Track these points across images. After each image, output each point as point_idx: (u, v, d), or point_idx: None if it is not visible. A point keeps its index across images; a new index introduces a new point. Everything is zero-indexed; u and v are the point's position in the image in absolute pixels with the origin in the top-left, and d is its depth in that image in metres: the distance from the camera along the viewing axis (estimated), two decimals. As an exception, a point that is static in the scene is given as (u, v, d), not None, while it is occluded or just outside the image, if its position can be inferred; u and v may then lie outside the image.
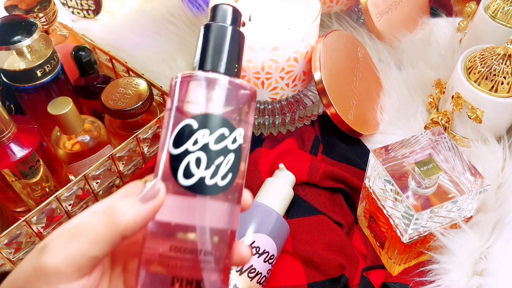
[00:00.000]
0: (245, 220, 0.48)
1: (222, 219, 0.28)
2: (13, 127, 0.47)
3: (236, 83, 0.29)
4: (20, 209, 0.55)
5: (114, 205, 0.27)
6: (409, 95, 0.65)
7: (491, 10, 0.61)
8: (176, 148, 0.28)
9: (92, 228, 0.26)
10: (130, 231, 0.26)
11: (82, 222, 0.26)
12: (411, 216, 0.42)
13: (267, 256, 0.47)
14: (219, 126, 0.28)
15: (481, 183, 0.43)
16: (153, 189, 0.27)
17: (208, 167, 0.28)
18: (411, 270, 0.48)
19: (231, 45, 0.30)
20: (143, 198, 0.27)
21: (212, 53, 0.30)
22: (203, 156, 0.27)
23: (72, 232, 0.26)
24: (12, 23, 0.52)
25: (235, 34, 0.30)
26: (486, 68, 0.53)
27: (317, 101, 0.61)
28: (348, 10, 0.75)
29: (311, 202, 0.55)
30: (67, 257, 0.25)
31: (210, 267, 0.28)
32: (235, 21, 0.31)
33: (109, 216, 0.26)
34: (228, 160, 0.28)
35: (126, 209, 0.26)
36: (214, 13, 0.31)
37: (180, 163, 0.27)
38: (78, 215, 0.27)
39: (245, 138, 0.29)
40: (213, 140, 0.28)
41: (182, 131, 0.28)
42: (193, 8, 0.77)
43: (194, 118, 0.28)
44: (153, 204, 0.27)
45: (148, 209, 0.27)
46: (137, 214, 0.26)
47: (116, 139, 0.60)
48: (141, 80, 0.58)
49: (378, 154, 0.46)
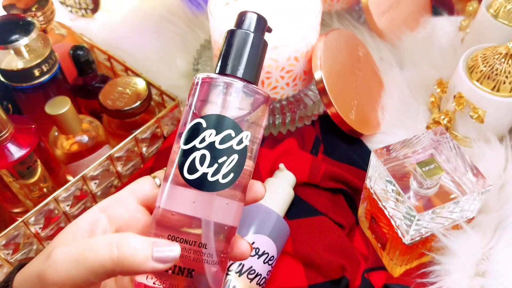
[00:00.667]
0: (245, 221, 0.48)
1: (221, 214, 0.30)
2: (11, 127, 0.47)
3: (251, 88, 0.31)
4: (18, 209, 0.55)
5: (128, 243, 0.27)
6: (411, 95, 0.64)
7: (493, 9, 0.60)
8: (186, 144, 0.30)
9: (98, 260, 0.27)
10: (130, 275, 0.28)
11: (91, 249, 0.27)
12: (412, 217, 0.42)
13: (267, 257, 0.47)
14: (226, 128, 0.30)
15: (483, 183, 0.43)
16: (170, 253, 0.28)
17: (211, 165, 0.29)
18: (413, 272, 0.48)
19: (251, 52, 0.32)
20: (158, 259, 0.27)
21: (232, 58, 0.32)
22: (208, 154, 0.29)
23: (78, 255, 0.27)
24: (10, 22, 0.51)
25: (257, 41, 0.32)
26: (488, 68, 0.53)
27: (317, 100, 0.60)
28: (349, 9, 0.74)
29: (312, 203, 0.55)
30: (67, 277, 0.27)
31: (207, 260, 0.30)
32: (259, 28, 0.32)
33: (119, 256, 0.27)
34: (231, 160, 0.30)
35: (137, 258, 0.27)
36: (240, 19, 0.33)
37: (187, 158, 0.30)
38: (94, 239, 0.28)
39: (254, 140, 0.31)
40: (219, 140, 0.30)
41: (193, 128, 0.30)
42: (192, 7, 0.76)
43: (204, 117, 0.30)
44: (162, 266, 0.27)
45: (156, 268, 0.27)
46: (144, 267, 0.27)
47: (115, 139, 0.59)
48: (139, 80, 0.58)
49: (380, 154, 0.46)
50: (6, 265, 0.48)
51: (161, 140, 0.60)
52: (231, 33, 0.32)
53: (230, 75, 0.31)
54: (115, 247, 0.27)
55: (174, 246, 0.28)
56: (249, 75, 0.31)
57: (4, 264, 0.48)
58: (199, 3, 0.76)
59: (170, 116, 0.59)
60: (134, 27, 0.75)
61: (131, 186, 0.33)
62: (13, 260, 0.49)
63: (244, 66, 0.31)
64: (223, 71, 0.31)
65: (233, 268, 0.45)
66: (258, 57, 0.32)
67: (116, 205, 0.32)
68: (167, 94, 0.60)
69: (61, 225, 0.52)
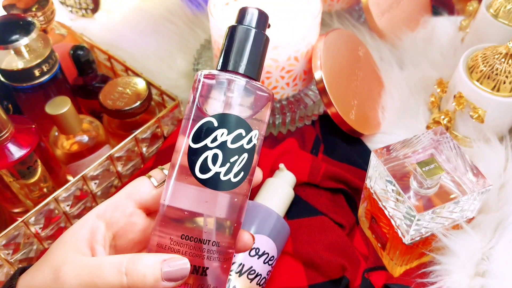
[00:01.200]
0: (245, 221, 0.48)
1: (231, 211, 0.30)
2: (11, 127, 0.47)
3: (255, 85, 0.31)
4: (18, 209, 0.55)
5: (136, 269, 0.27)
6: (411, 95, 0.64)
7: (493, 9, 0.60)
8: (196, 143, 0.30)
9: (107, 283, 0.27)
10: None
11: (101, 275, 0.27)
12: (412, 217, 0.42)
13: (267, 257, 0.47)
14: (237, 127, 0.30)
15: (483, 183, 0.43)
16: (179, 271, 0.28)
17: (224, 164, 0.29)
18: (413, 271, 0.48)
19: (253, 48, 0.31)
20: (168, 278, 0.27)
21: (234, 55, 0.31)
22: (220, 154, 0.29)
23: (89, 281, 0.27)
24: (10, 22, 0.51)
25: (259, 37, 0.32)
26: (488, 67, 0.53)
27: (317, 100, 0.60)
28: (349, 9, 0.74)
29: (312, 203, 0.54)
30: None
31: (214, 257, 0.30)
32: (260, 24, 0.32)
33: (129, 283, 0.27)
34: (242, 159, 0.30)
35: (147, 283, 0.27)
36: (241, 15, 0.32)
37: (198, 158, 0.29)
38: (102, 261, 0.28)
39: (260, 138, 0.31)
40: (231, 139, 0.30)
41: (202, 127, 0.30)
42: (192, 7, 0.76)
43: (214, 116, 0.30)
44: (173, 285, 0.27)
45: (167, 287, 0.27)
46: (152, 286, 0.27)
47: (115, 139, 0.59)
48: (139, 80, 0.58)
49: (380, 154, 0.46)
50: (6, 265, 0.48)
51: (161, 140, 0.60)
52: (232, 29, 0.32)
53: (232, 72, 0.31)
54: (124, 274, 0.27)
55: (183, 261, 0.28)
56: (252, 72, 0.31)
57: (4, 264, 0.48)
58: (199, 3, 0.76)
59: (170, 116, 0.59)
60: (134, 27, 0.75)
61: (127, 188, 0.33)
62: (13, 260, 0.49)
63: (247, 63, 0.31)
64: (225, 68, 0.31)
65: (234, 268, 0.45)
66: (260, 53, 0.32)
67: (113, 211, 0.32)
68: (167, 94, 0.60)
69: (61, 225, 0.52)
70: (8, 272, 0.49)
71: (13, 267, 0.49)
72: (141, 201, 0.32)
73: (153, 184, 0.33)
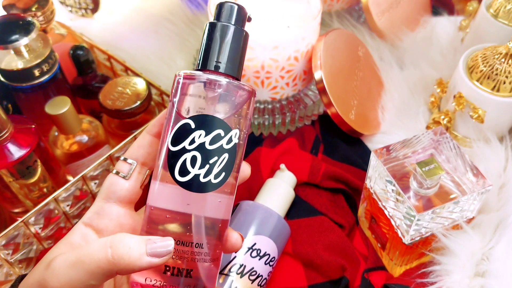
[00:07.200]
0: (246, 222, 0.48)
1: (214, 212, 0.30)
2: (11, 127, 0.47)
3: (235, 84, 0.30)
4: (18, 210, 0.55)
5: (121, 243, 0.27)
6: (411, 95, 0.64)
7: (493, 9, 0.60)
8: (174, 146, 0.29)
9: (94, 262, 0.27)
10: (128, 273, 0.28)
11: (88, 253, 0.28)
12: (412, 217, 0.42)
13: (268, 258, 0.47)
14: (215, 127, 0.29)
15: (483, 183, 0.43)
16: (164, 247, 0.28)
17: (203, 166, 0.29)
18: (413, 272, 0.48)
19: (233, 45, 0.30)
20: (152, 253, 0.27)
21: (213, 53, 0.30)
22: (199, 155, 0.29)
23: (76, 260, 0.28)
24: (10, 22, 0.51)
25: (238, 34, 0.31)
26: (488, 68, 0.53)
27: (317, 100, 0.60)
28: (349, 9, 0.74)
29: (312, 203, 0.54)
30: (68, 282, 0.27)
31: (201, 258, 0.29)
32: (239, 20, 0.31)
33: (113, 255, 0.27)
34: (222, 159, 0.29)
35: (131, 256, 0.27)
36: (219, 11, 0.31)
37: (177, 160, 0.29)
38: (90, 244, 0.29)
39: (241, 137, 0.30)
40: (209, 141, 0.29)
41: (180, 129, 0.29)
42: (192, 6, 0.76)
43: (192, 118, 0.29)
44: (158, 261, 0.28)
45: (152, 263, 0.27)
46: (140, 263, 0.27)
47: (114, 139, 0.59)
48: (139, 80, 0.58)
49: (379, 154, 0.46)
50: (6, 265, 0.48)
51: (161, 140, 0.60)
52: (210, 26, 0.31)
53: (211, 71, 0.30)
54: (109, 247, 0.27)
55: (168, 240, 0.28)
56: (232, 70, 0.30)
57: (4, 264, 0.48)
58: (199, 3, 0.76)
59: (170, 116, 0.59)
60: (134, 27, 0.75)
61: (103, 193, 0.33)
62: (13, 260, 0.49)
63: (227, 61, 0.30)
64: (205, 67, 0.30)
65: (235, 269, 0.45)
66: (240, 50, 0.31)
67: (99, 219, 0.32)
68: (167, 94, 0.60)
69: (61, 225, 0.52)
70: (8, 272, 0.49)
71: (13, 267, 0.49)
72: (120, 198, 0.33)
73: (124, 178, 0.33)
